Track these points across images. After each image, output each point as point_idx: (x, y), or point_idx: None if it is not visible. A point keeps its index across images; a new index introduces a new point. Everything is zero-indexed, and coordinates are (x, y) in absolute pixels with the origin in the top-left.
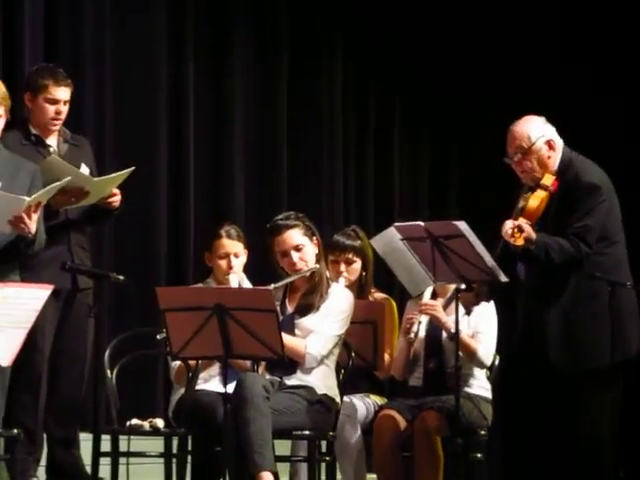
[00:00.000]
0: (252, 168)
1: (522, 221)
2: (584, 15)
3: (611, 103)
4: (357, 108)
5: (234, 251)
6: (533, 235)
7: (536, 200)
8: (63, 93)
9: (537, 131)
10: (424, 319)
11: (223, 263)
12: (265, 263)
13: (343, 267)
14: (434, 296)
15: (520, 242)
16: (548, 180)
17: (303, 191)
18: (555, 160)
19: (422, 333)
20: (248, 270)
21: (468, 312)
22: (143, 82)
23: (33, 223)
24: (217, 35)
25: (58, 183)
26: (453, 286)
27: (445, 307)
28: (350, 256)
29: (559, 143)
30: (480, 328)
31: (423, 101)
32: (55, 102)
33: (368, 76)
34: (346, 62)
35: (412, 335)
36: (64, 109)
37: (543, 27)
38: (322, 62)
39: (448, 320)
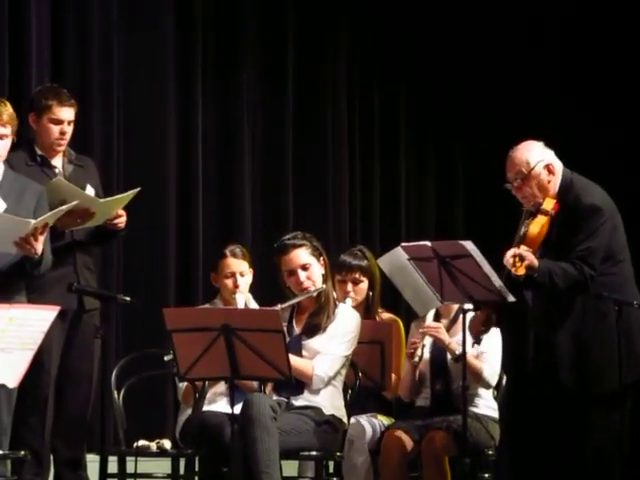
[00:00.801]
0: (259, 188)
1: (523, 249)
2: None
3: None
4: (362, 129)
5: (239, 270)
6: (535, 262)
7: (537, 226)
8: (67, 113)
9: (536, 156)
10: (428, 341)
11: (229, 282)
12: (273, 283)
13: (350, 287)
14: (438, 317)
15: (522, 271)
16: (549, 205)
17: (310, 211)
18: (555, 184)
19: (427, 355)
20: (255, 290)
21: (478, 341)
22: (151, 102)
23: (39, 244)
24: (224, 55)
25: (65, 206)
26: (456, 306)
27: (449, 328)
28: (357, 276)
29: (558, 166)
30: (484, 348)
31: (429, 121)
32: (59, 122)
33: (373, 97)
34: (351, 82)
35: (416, 359)
36: (69, 129)
37: (542, 31)
38: (327, 87)
39: (452, 342)
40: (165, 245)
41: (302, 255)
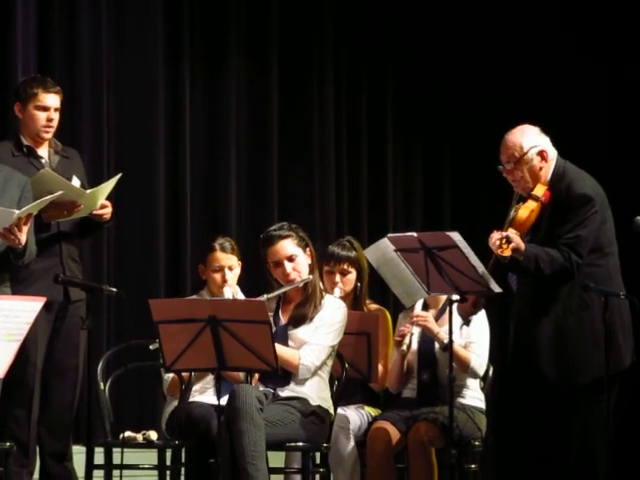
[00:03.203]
0: (245, 181)
1: (511, 232)
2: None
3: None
4: (349, 124)
5: (228, 264)
6: (522, 245)
7: (526, 210)
8: (53, 100)
9: (530, 141)
10: (416, 331)
11: (217, 276)
12: (259, 275)
13: (338, 278)
14: (426, 307)
15: (507, 253)
16: (540, 191)
17: (296, 203)
18: (547, 171)
19: (415, 345)
20: (241, 281)
21: (467, 322)
22: (140, 98)
23: (23, 235)
24: (212, 54)
25: (50, 196)
26: (444, 297)
27: (437, 318)
28: (345, 267)
29: (552, 154)
30: (472, 338)
31: (415, 113)
32: (45, 109)
33: (360, 90)
34: (338, 81)
35: (404, 347)
36: (55, 116)
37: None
38: (312, 81)
39: (440, 331)
40: (154, 237)
41: (288, 246)
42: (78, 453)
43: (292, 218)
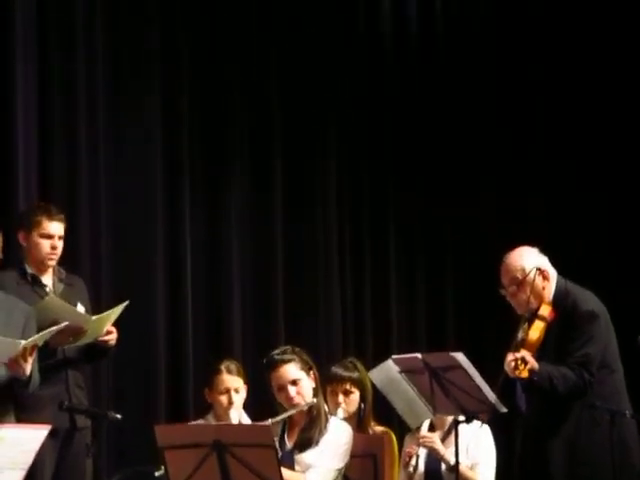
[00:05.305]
0: (249, 299)
1: (524, 353)
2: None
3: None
4: (353, 238)
5: (234, 386)
6: (536, 365)
7: (536, 331)
8: (56, 228)
9: (531, 262)
10: (423, 452)
11: (224, 399)
12: (264, 395)
13: (341, 398)
14: (432, 428)
15: (525, 374)
16: (545, 311)
17: (301, 323)
18: (550, 290)
19: (421, 466)
20: (247, 404)
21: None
22: (139, 215)
23: (28, 365)
24: (212, 167)
25: (55, 327)
26: (451, 418)
27: (443, 439)
28: (348, 387)
29: (553, 273)
30: (479, 459)
31: (417, 225)
32: (50, 237)
33: (363, 204)
34: (340, 190)
35: (411, 469)
36: (59, 244)
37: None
38: (315, 191)
39: (446, 452)
40: (155, 360)
41: (291, 370)
42: None
43: (297, 341)
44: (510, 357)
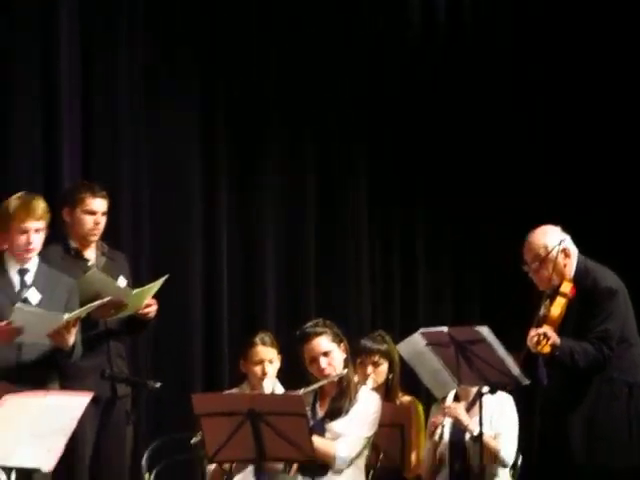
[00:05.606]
0: (282, 275)
1: (546, 329)
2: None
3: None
4: (382, 226)
5: (268, 357)
6: (558, 341)
7: (558, 308)
8: (99, 204)
9: (554, 240)
10: (448, 422)
11: (258, 369)
12: (295, 368)
13: (370, 369)
14: (457, 399)
15: (547, 350)
16: (566, 287)
17: (332, 301)
18: (571, 267)
19: (446, 436)
20: (279, 373)
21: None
22: (178, 199)
23: (71, 337)
24: (247, 151)
25: (98, 302)
26: (475, 389)
27: (468, 409)
28: (376, 359)
29: (574, 251)
30: (502, 429)
31: (445, 200)
32: (93, 213)
33: (391, 182)
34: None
35: (436, 438)
36: (102, 220)
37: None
38: (346, 178)
39: (470, 422)
40: (192, 332)
41: (323, 342)
42: None
43: (328, 314)
44: (533, 333)
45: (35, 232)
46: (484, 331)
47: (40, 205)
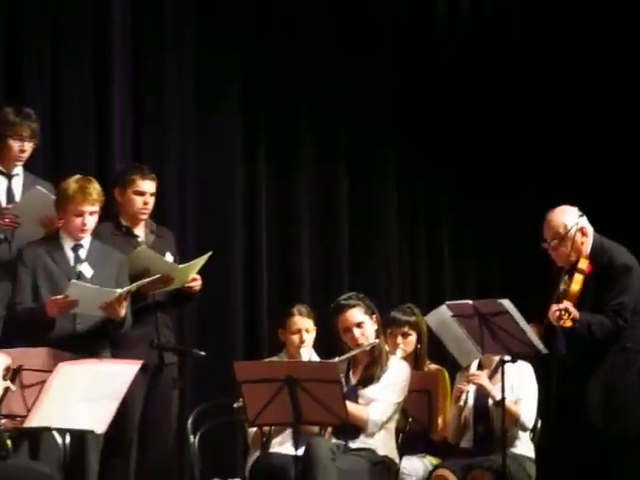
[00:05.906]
0: (318, 250)
1: (567, 304)
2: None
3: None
4: (408, 208)
5: (305, 327)
6: (578, 315)
7: (577, 284)
8: (149, 185)
9: (572, 219)
10: (472, 388)
11: (295, 338)
12: (329, 339)
13: (400, 339)
14: (480, 367)
15: (569, 324)
16: (584, 264)
17: (363, 275)
18: (587, 245)
19: (470, 401)
20: (314, 344)
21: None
22: (220, 180)
23: (123, 309)
24: (285, 137)
25: (148, 279)
26: (497, 358)
27: (490, 377)
28: (406, 330)
29: (590, 230)
30: (522, 395)
31: (467, 198)
32: (142, 194)
33: (419, 176)
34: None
35: (461, 403)
36: (151, 200)
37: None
38: (376, 167)
39: (493, 388)
40: (234, 305)
41: (356, 314)
42: None
43: (360, 288)
44: (554, 307)
45: (90, 215)
46: (506, 303)
47: (96, 189)
